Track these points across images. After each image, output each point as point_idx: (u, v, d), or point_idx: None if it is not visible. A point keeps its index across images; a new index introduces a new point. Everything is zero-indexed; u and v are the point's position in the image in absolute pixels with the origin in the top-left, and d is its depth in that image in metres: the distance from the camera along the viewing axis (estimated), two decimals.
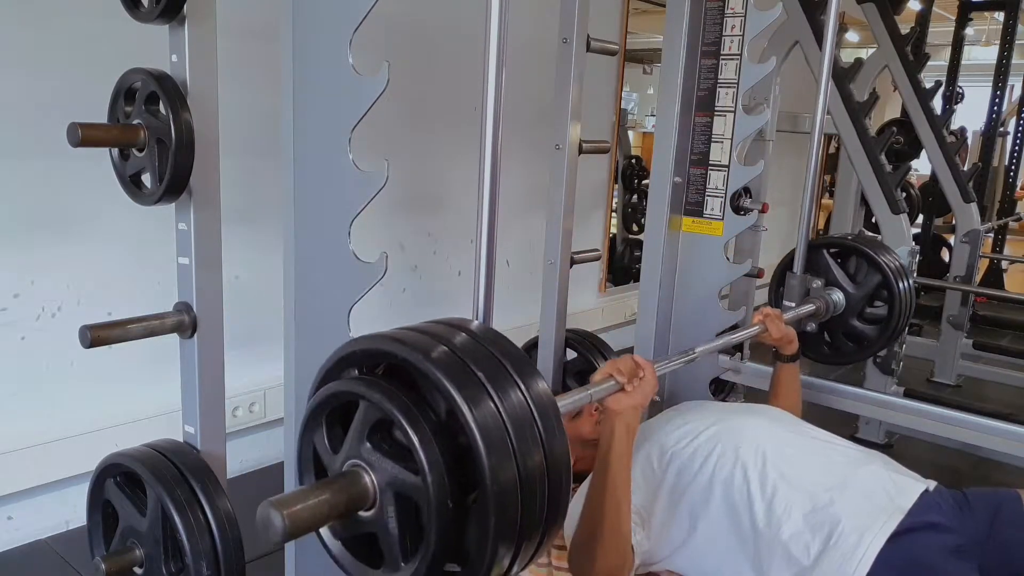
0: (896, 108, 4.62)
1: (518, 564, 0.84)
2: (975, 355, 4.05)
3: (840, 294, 2.08)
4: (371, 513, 0.86)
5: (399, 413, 0.81)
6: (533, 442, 0.82)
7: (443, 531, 0.80)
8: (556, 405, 0.87)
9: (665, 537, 1.48)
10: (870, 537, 1.32)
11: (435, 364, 0.81)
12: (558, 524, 0.87)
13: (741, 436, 1.51)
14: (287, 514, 0.77)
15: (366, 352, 0.90)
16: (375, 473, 0.85)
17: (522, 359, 0.88)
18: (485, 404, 0.80)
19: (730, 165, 2.01)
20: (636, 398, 1.33)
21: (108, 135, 1.39)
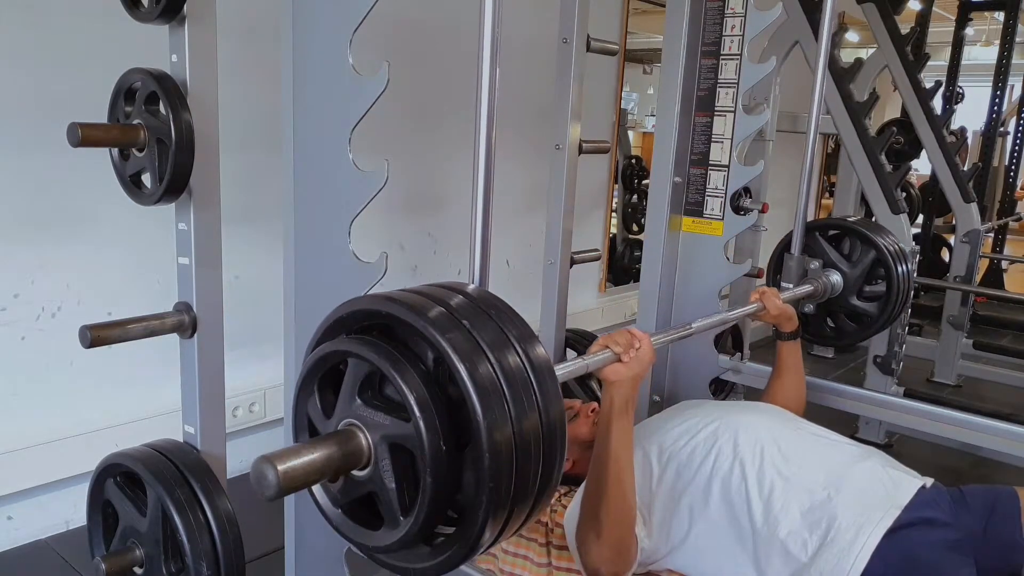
0: (896, 108, 4.62)
1: (513, 520, 0.84)
2: (975, 355, 4.05)
3: (838, 275, 2.07)
4: (367, 471, 0.85)
5: (387, 363, 0.81)
6: (529, 402, 0.82)
7: (438, 475, 0.79)
8: (553, 370, 0.87)
9: (664, 535, 1.48)
10: (867, 533, 1.33)
11: (429, 321, 0.81)
12: (552, 485, 0.86)
13: (739, 434, 1.51)
14: (281, 469, 0.77)
15: (357, 313, 0.89)
16: (369, 430, 0.84)
17: (520, 323, 0.87)
18: (480, 360, 0.80)
19: (730, 165, 2.01)
20: (634, 368, 1.32)
21: (108, 135, 1.39)
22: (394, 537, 0.84)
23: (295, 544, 1.45)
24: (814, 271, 2.05)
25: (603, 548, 1.34)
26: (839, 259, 2.10)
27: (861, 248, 2.10)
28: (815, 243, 2.11)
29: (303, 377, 0.91)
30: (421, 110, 3.09)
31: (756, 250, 3.13)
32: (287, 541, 1.46)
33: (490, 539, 0.84)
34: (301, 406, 0.93)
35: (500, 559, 1.80)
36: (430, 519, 0.82)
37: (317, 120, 1.20)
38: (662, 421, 1.68)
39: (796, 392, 1.86)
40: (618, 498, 1.33)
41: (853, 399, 2.21)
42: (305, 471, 0.80)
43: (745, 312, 1.83)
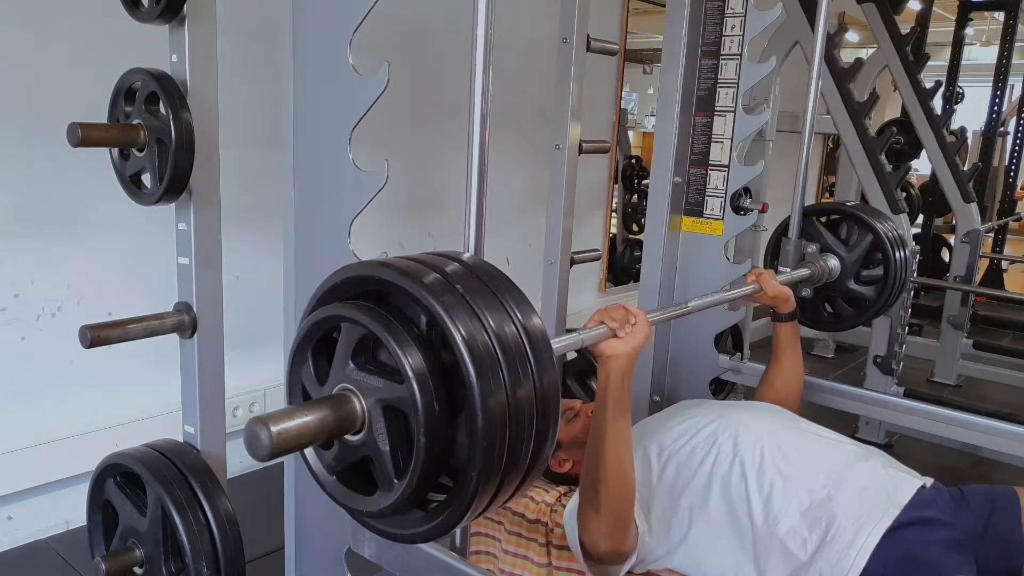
0: (896, 108, 4.62)
1: (506, 487, 0.84)
2: (975, 355, 4.05)
3: (835, 259, 2.07)
4: (361, 435, 0.85)
5: (380, 326, 0.81)
6: (521, 360, 0.81)
7: (432, 436, 0.79)
8: (549, 341, 0.86)
9: (664, 534, 1.48)
10: (867, 532, 1.33)
11: (422, 285, 0.81)
12: (544, 453, 0.86)
13: (739, 433, 1.51)
14: (274, 430, 0.76)
15: (350, 280, 0.89)
16: (363, 394, 0.84)
17: (515, 290, 0.87)
18: (473, 322, 0.80)
19: (730, 165, 2.01)
20: (630, 343, 1.31)
21: (108, 135, 1.39)
22: (388, 500, 0.84)
23: (295, 544, 1.45)
24: (811, 255, 2.04)
25: (602, 523, 1.34)
26: (836, 243, 2.09)
27: (858, 232, 2.10)
28: (812, 228, 2.11)
29: (296, 344, 0.91)
30: (421, 110, 3.09)
31: (756, 250, 3.13)
32: (287, 541, 1.46)
33: (483, 504, 0.83)
34: (295, 373, 0.93)
35: (500, 559, 1.80)
36: (424, 481, 0.82)
37: (317, 120, 1.20)
38: (662, 420, 1.68)
39: (794, 376, 1.86)
40: (616, 473, 1.32)
41: (853, 399, 2.21)
42: (299, 432, 0.79)
43: (742, 293, 1.82)
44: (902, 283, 2.08)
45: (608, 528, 1.34)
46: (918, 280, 3.26)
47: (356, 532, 1.30)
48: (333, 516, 1.33)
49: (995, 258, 5.54)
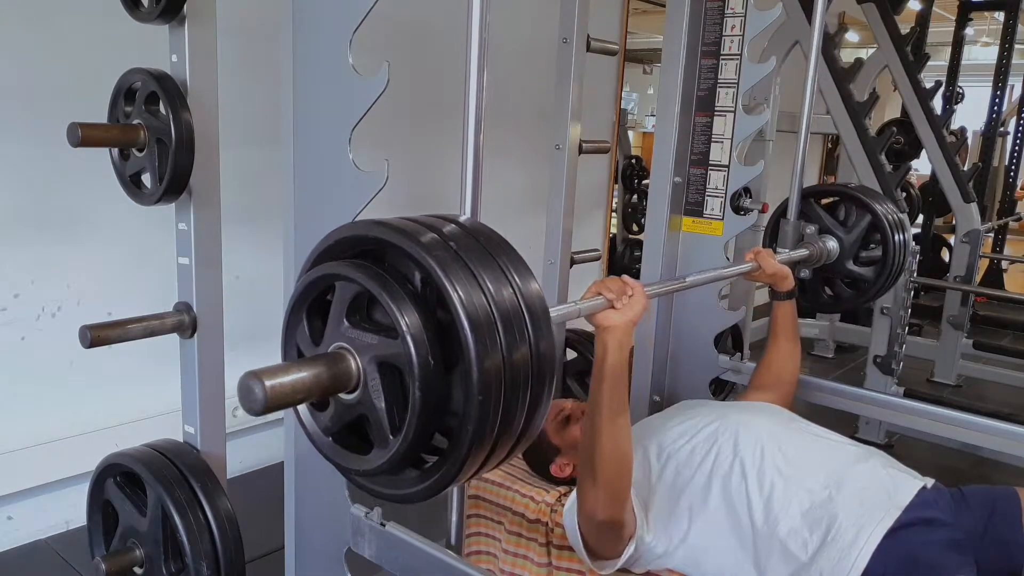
0: (896, 108, 4.62)
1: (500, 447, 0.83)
2: (975, 355, 4.05)
3: (834, 241, 2.06)
4: (356, 394, 0.85)
5: (374, 282, 0.81)
6: (520, 333, 0.81)
7: (427, 389, 0.79)
8: (547, 307, 0.86)
9: (664, 534, 1.48)
10: (867, 532, 1.33)
11: (416, 242, 0.81)
12: (539, 417, 0.85)
13: (739, 434, 1.51)
14: (268, 384, 0.76)
15: (345, 240, 0.88)
16: (358, 353, 0.84)
17: (516, 258, 0.86)
18: (468, 278, 0.80)
19: (730, 165, 2.01)
20: (627, 314, 1.30)
21: (108, 135, 1.39)
22: (384, 457, 0.83)
23: (295, 544, 1.45)
24: (810, 236, 2.03)
25: (599, 493, 1.33)
26: (835, 225, 2.08)
27: (857, 213, 2.09)
28: (811, 210, 2.10)
29: (291, 305, 0.91)
30: (421, 110, 3.09)
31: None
32: (287, 541, 1.46)
33: (477, 463, 0.83)
34: (290, 335, 0.92)
35: (500, 559, 1.80)
36: (419, 436, 0.81)
37: (317, 120, 1.20)
38: (662, 420, 1.68)
39: (791, 356, 1.86)
40: (612, 443, 1.32)
41: (853, 399, 2.21)
42: (292, 388, 0.79)
43: (740, 271, 1.82)
44: (901, 264, 2.07)
45: (605, 498, 1.33)
46: (918, 280, 3.26)
47: (356, 532, 1.30)
48: (333, 516, 1.33)
49: (995, 258, 5.54)
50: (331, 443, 0.90)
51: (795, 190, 1.98)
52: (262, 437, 2.76)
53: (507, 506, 1.80)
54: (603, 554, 1.46)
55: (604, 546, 1.45)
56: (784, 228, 1.99)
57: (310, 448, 1.37)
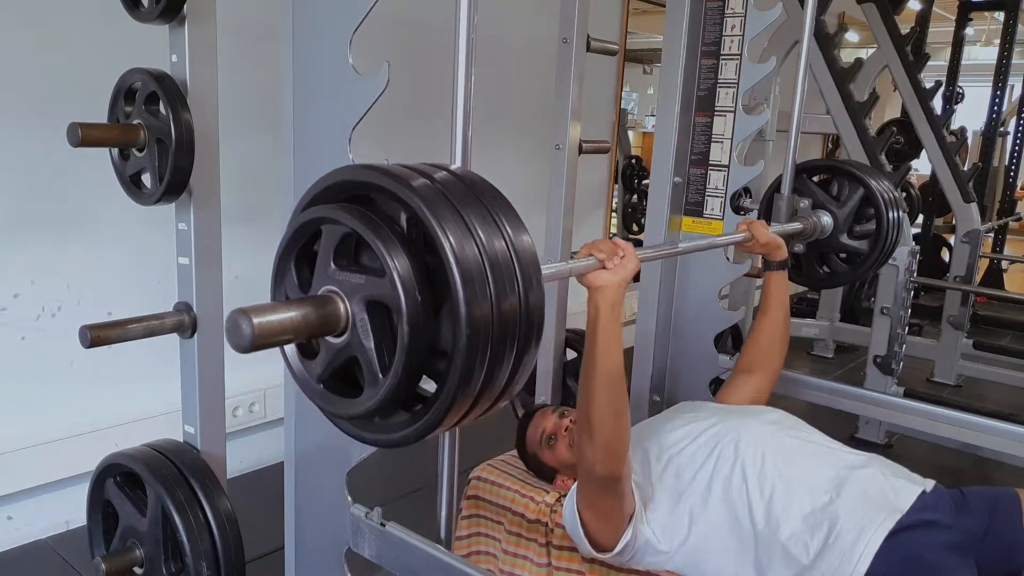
0: (896, 108, 4.62)
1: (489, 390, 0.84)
2: (975, 355, 4.05)
3: (828, 216, 2.05)
4: (345, 336, 0.85)
5: (359, 222, 0.82)
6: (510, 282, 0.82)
7: (415, 325, 0.79)
8: (537, 260, 0.86)
9: (664, 536, 1.48)
10: (869, 534, 1.33)
11: (402, 183, 0.81)
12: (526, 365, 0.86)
13: (740, 438, 1.51)
14: (256, 321, 0.77)
15: (333, 187, 0.89)
16: (346, 295, 0.85)
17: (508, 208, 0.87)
18: (454, 215, 0.80)
19: (730, 165, 2.01)
20: (619, 274, 1.31)
21: (108, 135, 1.39)
22: (375, 398, 0.84)
23: (295, 544, 1.45)
24: (803, 210, 2.03)
25: (596, 448, 1.35)
26: (829, 200, 2.08)
27: (849, 187, 2.08)
28: (804, 186, 2.09)
29: (280, 253, 0.91)
30: (421, 109, 3.09)
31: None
32: (287, 541, 1.46)
33: (466, 403, 0.83)
34: (279, 284, 0.93)
35: (500, 559, 1.80)
36: (409, 374, 0.82)
37: (317, 120, 1.20)
38: (662, 422, 1.68)
39: (781, 327, 1.86)
40: (607, 400, 1.33)
41: (853, 399, 2.21)
42: (280, 326, 0.80)
43: (733, 239, 1.81)
44: (895, 238, 2.06)
45: (602, 454, 1.35)
46: (918, 280, 3.26)
47: (356, 532, 1.30)
48: (333, 516, 1.33)
49: (995, 258, 5.54)
50: (322, 390, 0.91)
51: (789, 164, 1.97)
52: (262, 437, 2.76)
53: (507, 506, 1.80)
54: (603, 539, 1.46)
55: (604, 527, 1.45)
56: (778, 203, 1.98)
57: (310, 448, 1.38)
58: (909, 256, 3.07)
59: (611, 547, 1.46)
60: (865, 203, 2.04)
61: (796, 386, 2.22)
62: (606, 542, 1.46)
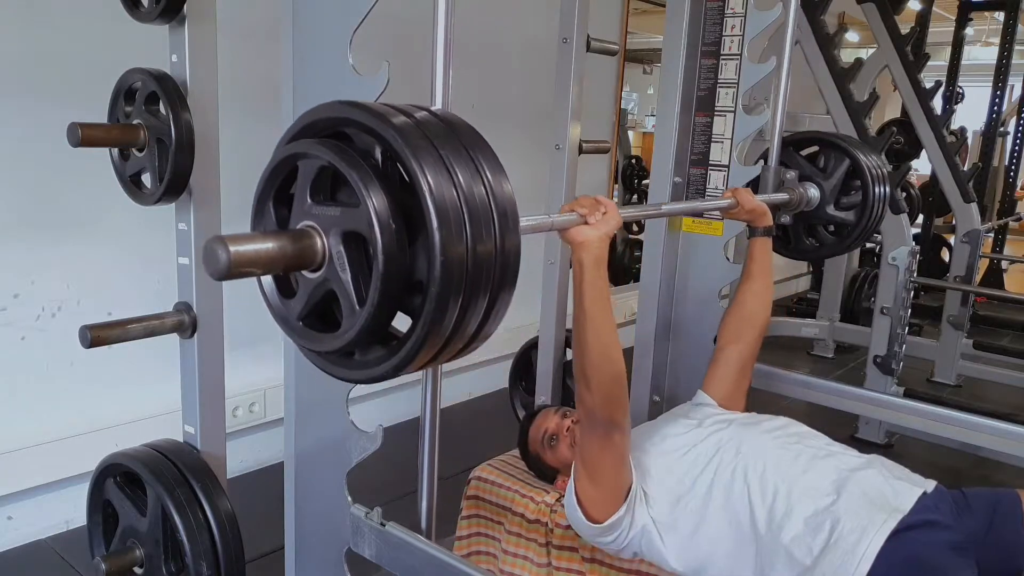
0: (896, 108, 4.62)
1: (465, 325, 0.85)
2: (975, 355, 4.05)
3: (815, 188, 2.05)
4: (323, 271, 0.87)
5: (334, 154, 0.83)
6: (486, 222, 0.83)
7: (390, 253, 0.80)
8: (516, 207, 0.88)
9: (665, 534, 1.48)
10: (870, 535, 1.33)
11: (375, 115, 0.82)
12: (502, 304, 0.88)
13: (741, 443, 1.50)
14: (232, 249, 0.78)
15: (313, 124, 0.89)
16: (323, 231, 0.86)
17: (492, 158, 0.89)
18: (427, 146, 0.81)
19: (730, 165, 2.01)
20: (600, 229, 1.33)
21: (108, 135, 1.39)
22: (353, 328, 0.85)
23: (295, 544, 1.46)
24: (790, 181, 2.03)
25: (594, 397, 1.37)
26: (816, 172, 2.08)
27: (836, 159, 2.08)
28: (791, 159, 2.09)
29: (258, 193, 0.92)
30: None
31: None
32: (287, 541, 1.47)
33: (441, 337, 0.85)
34: (257, 225, 0.94)
35: (500, 559, 1.80)
36: (385, 304, 0.83)
37: None
38: (662, 425, 1.68)
39: (764, 294, 1.86)
40: (598, 351, 1.35)
41: (853, 399, 2.21)
42: (256, 255, 0.81)
43: (718, 204, 1.82)
44: (881, 211, 2.05)
45: (601, 400, 1.37)
46: (918, 280, 3.26)
47: (356, 532, 1.30)
48: (333, 516, 1.33)
49: (995, 258, 5.54)
50: (301, 327, 0.92)
51: (776, 136, 1.97)
52: (262, 437, 2.76)
53: (507, 506, 1.80)
54: (596, 510, 1.46)
55: (599, 495, 1.45)
56: (765, 174, 1.98)
57: (310, 448, 1.38)
58: (909, 256, 3.07)
59: (602, 519, 1.46)
60: (851, 175, 2.05)
61: (796, 386, 2.22)
62: (598, 514, 1.46)
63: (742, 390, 1.81)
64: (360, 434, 1.26)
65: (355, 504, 1.30)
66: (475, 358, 3.60)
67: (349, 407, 1.28)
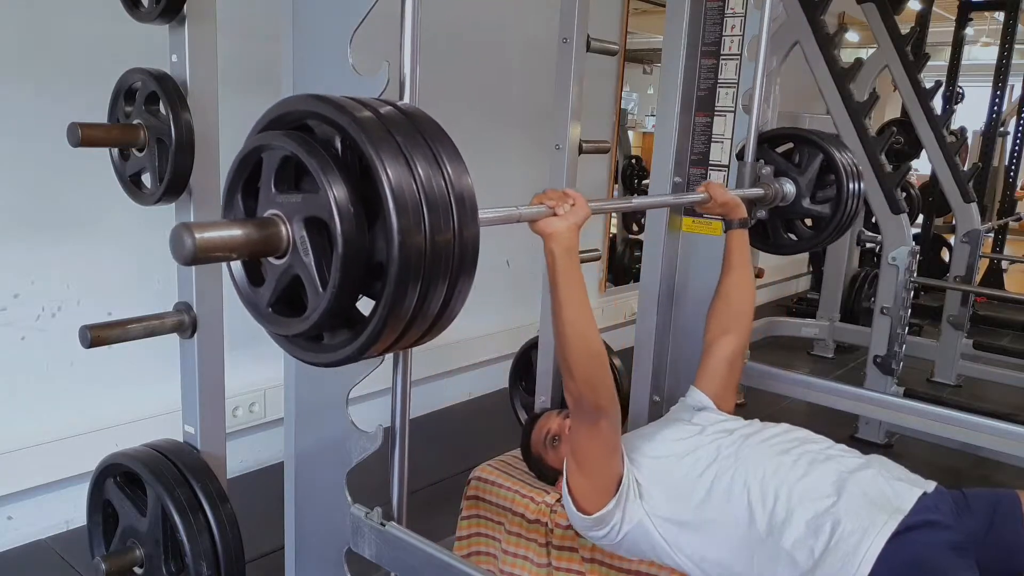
0: (896, 108, 4.62)
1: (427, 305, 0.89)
2: (975, 355, 4.05)
3: (791, 184, 2.06)
4: (287, 258, 0.90)
5: (295, 144, 0.86)
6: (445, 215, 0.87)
7: (349, 235, 0.83)
8: (474, 198, 0.91)
9: (665, 532, 1.48)
10: (871, 536, 1.32)
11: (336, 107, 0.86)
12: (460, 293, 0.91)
13: (741, 448, 1.50)
14: (198, 236, 0.81)
15: (278, 118, 0.92)
16: (288, 219, 0.89)
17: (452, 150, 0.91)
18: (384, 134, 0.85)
19: (730, 165, 2.01)
20: (569, 219, 1.34)
21: (108, 135, 1.39)
22: (319, 309, 0.87)
23: (295, 544, 1.46)
24: (766, 176, 2.03)
25: (579, 384, 1.39)
26: (791, 168, 2.08)
27: (808, 154, 2.09)
28: (767, 155, 2.09)
29: (226, 187, 0.96)
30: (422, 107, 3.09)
31: (755, 250, 3.13)
32: (287, 541, 1.47)
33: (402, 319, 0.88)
34: (227, 217, 0.97)
35: (500, 559, 1.80)
36: (347, 285, 0.85)
37: None
38: (661, 427, 1.67)
39: (746, 285, 1.86)
40: (576, 340, 1.37)
41: (853, 399, 2.21)
42: (222, 242, 0.85)
43: (691, 199, 1.83)
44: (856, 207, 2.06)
45: (585, 388, 1.39)
46: (918, 280, 3.26)
47: (356, 532, 1.30)
48: (333, 516, 1.33)
49: (995, 258, 5.54)
50: (270, 313, 0.95)
51: (752, 131, 1.97)
52: (262, 437, 2.76)
53: (507, 506, 1.80)
54: (586, 501, 1.47)
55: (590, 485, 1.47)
56: (741, 170, 1.99)
57: (310, 448, 1.38)
58: (909, 256, 3.07)
59: (593, 511, 1.46)
60: (826, 170, 2.06)
61: (796, 386, 2.22)
62: (588, 505, 1.47)
63: (732, 384, 1.82)
64: (360, 434, 1.26)
65: (355, 504, 1.30)
66: (475, 358, 3.62)
67: (349, 407, 1.28)
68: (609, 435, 1.45)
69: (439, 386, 3.38)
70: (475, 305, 2.49)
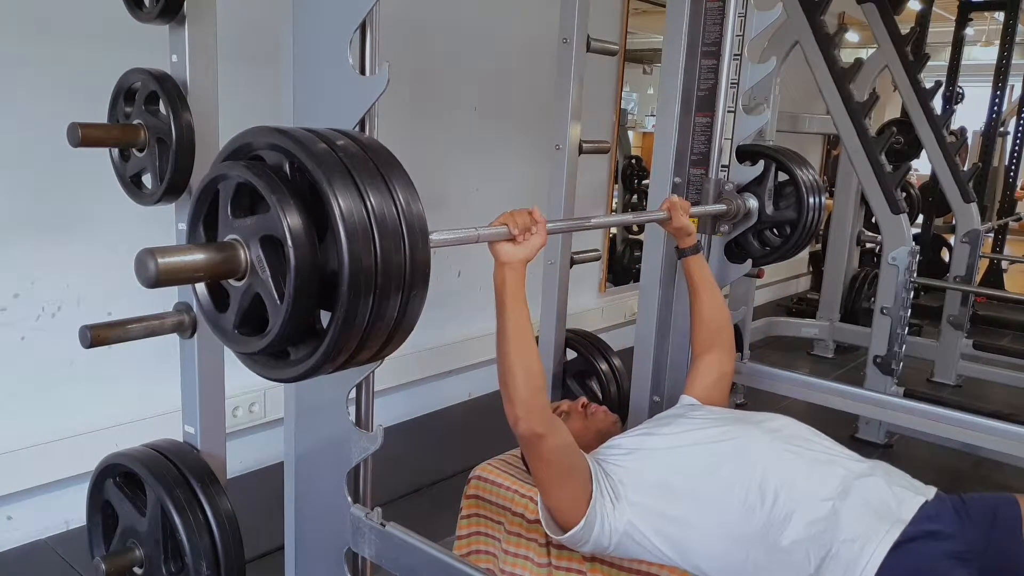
0: (896, 108, 4.62)
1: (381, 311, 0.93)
2: (975, 355, 4.05)
3: (753, 200, 2.06)
4: (247, 279, 0.95)
5: (247, 171, 0.91)
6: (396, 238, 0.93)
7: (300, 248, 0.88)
8: (425, 223, 0.98)
9: (656, 536, 1.47)
10: (872, 547, 1.32)
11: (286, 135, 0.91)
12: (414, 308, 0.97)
13: (742, 445, 1.50)
14: (161, 261, 0.86)
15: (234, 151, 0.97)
16: (245, 242, 0.94)
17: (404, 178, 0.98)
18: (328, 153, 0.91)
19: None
20: (524, 251, 1.38)
21: (108, 135, 1.39)
22: (278, 323, 0.91)
23: (295, 544, 1.46)
24: (728, 192, 2.04)
25: (516, 408, 1.40)
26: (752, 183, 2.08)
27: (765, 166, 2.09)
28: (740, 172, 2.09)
29: (189, 219, 1.01)
30: (420, 110, 3.09)
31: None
32: (287, 541, 1.47)
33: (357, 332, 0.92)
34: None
35: (500, 559, 1.80)
36: (303, 297, 0.89)
37: (317, 120, 1.20)
38: (661, 424, 1.67)
39: (717, 304, 1.89)
40: (517, 366, 1.39)
41: (853, 399, 2.21)
42: (184, 265, 0.90)
43: (650, 217, 1.87)
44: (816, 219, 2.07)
45: (523, 412, 1.40)
46: (918, 280, 3.26)
47: (356, 532, 1.30)
48: (333, 516, 1.33)
49: (995, 258, 5.54)
50: (237, 334, 0.99)
51: (715, 147, 1.98)
52: (262, 437, 2.76)
53: (507, 506, 1.80)
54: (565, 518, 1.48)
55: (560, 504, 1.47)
56: (705, 186, 2.00)
57: (310, 448, 1.38)
58: (909, 256, 3.07)
59: (570, 525, 1.47)
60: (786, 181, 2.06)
61: (796, 386, 2.22)
62: (564, 520, 1.48)
63: (724, 388, 1.85)
64: (360, 434, 1.26)
65: (355, 504, 1.30)
66: (475, 358, 3.62)
67: (349, 407, 1.28)
68: (558, 456, 1.45)
69: (439, 386, 3.37)
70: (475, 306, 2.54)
